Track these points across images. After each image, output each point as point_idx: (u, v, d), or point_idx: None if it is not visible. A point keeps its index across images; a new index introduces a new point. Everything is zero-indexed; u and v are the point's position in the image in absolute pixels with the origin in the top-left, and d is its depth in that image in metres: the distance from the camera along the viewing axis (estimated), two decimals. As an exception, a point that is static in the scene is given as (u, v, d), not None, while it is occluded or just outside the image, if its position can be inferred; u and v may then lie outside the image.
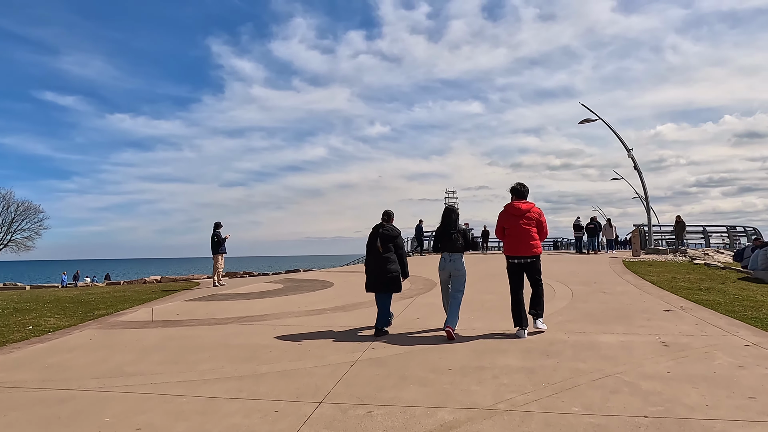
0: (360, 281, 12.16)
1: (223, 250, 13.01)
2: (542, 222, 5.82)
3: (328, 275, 13.94)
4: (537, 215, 5.78)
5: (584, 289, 9.23)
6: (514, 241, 5.77)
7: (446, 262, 5.96)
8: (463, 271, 5.97)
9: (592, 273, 12.26)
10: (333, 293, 9.83)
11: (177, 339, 5.93)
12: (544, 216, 5.88)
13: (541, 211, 5.87)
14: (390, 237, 6.19)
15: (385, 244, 6.14)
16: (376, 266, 6.12)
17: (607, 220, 23.06)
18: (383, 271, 6.07)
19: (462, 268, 5.96)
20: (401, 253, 6.25)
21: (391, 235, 6.20)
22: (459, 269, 5.93)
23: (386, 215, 6.40)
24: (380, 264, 6.09)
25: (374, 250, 6.17)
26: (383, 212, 6.45)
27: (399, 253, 6.22)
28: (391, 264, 6.10)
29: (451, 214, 6.13)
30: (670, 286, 9.41)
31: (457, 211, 6.26)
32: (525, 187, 5.96)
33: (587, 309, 7.13)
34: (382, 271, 6.08)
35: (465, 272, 6.01)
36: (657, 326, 5.87)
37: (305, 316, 7.27)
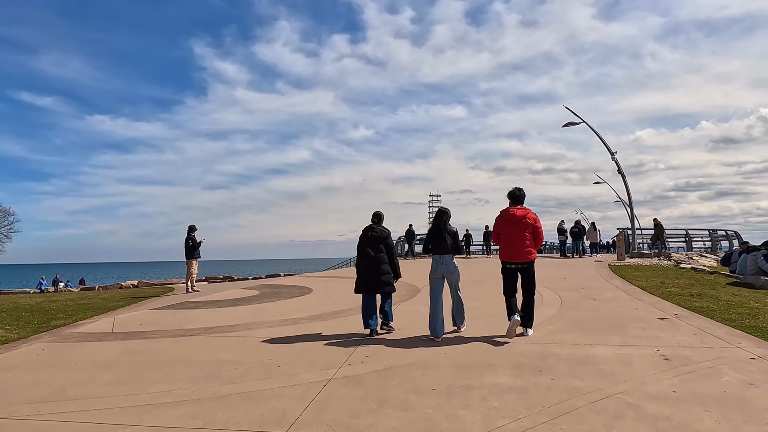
0: (340, 287, 11.68)
1: (197, 254, 12.43)
2: (538, 228, 5.82)
3: (308, 281, 13.42)
4: (533, 221, 5.77)
5: (573, 295, 8.89)
6: (510, 246, 5.78)
7: (438, 264, 5.97)
8: (456, 272, 6.01)
9: (580, 278, 11.95)
10: (311, 301, 9.33)
11: (134, 354, 5.38)
12: (539, 222, 5.86)
13: (537, 217, 5.85)
14: (380, 238, 6.19)
15: (376, 245, 6.14)
16: (368, 268, 6.11)
17: (591, 223, 22.92)
18: (375, 273, 6.07)
19: (455, 269, 6.00)
20: (392, 254, 6.24)
21: (381, 237, 6.20)
22: (452, 271, 5.97)
23: (376, 217, 6.38)
24: (372, 265, 6.09)
25: (365, 251, 6.16)
26: (373, 213, 6.42)
27: (390, 253, 6.21)
28: (382, 265, 6.10)
29: (442, 216, 6.11)
30: (660, 291, 9.12)
31: (449, 212, 6.21)
32: (522, 192, 5.95)
33: (578, 317, 6.76)
34: (373, 273, 6.07)
35: (458, 272, 6.05)
36: (654, 337, 5.51)
37: (279, 326, 6.76)
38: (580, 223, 22.95)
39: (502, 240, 5.89)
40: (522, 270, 5.77)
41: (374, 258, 6.10)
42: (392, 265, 6.21)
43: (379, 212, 6.44)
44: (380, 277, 6.08)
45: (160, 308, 8.83)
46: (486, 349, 5.17)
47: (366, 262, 6.13)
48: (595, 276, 12.42)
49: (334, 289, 11.12)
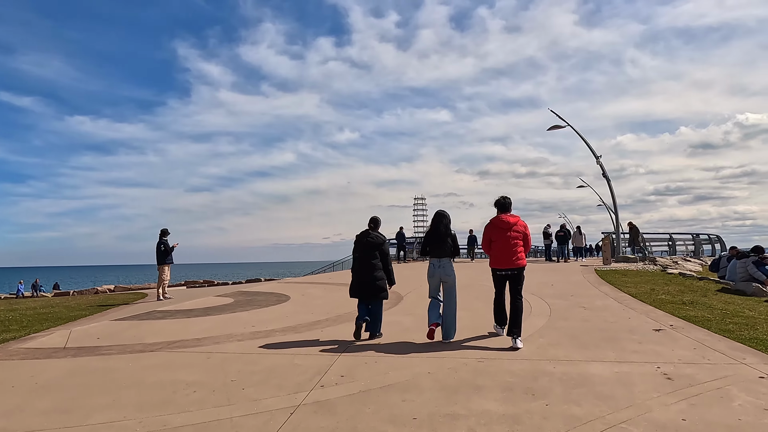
0: (320, 294, 11.17)
1: (169, 260, 11.83)
2: (527, 235, 5.99)
3: (286, 287, 12.87)
4: (523, 228, 5.94)
5: (561, 303, 8.51)
6: (501, 253, 5.86)
7: (435, 267, 5.94)
8: (453, 276, 5.96)
9: (567, 284, 11.62)
10: (287, 309, 8.82)
11: (83, 374, 4.83)
12: (528, 229, 6.06)
13: (526, 224, 6.03)
14: (375, 244, 6.20)
15: (372, 251, 6.15)
16: (362, 273, 6.12)
17: (576, 227, 22.75)
18: (369, 278, 6.08)
19: (452, 274, 5.94)
20: (387, 260, 6.26)
21: (377, 242, 6.21)
22: (449, 275, 5.91)
23: (373, 222, 6.38)
24: (366, 271, 6.11)
25: (360, 257, 6.18)
26: (370, 219, 6.42)
27: (384, 260, 6.22)
28: (377, 271, 6.11)
29: (441, 218, 6.07)
30: (651, 299, 8.80)
31: (448, 215, 6.15)
32: (509, 200, 6.07)
33: (569, 329, 6.37)
34: (367, 278, 6.08)
35: (455, 278, 5.99)
36: (651, 351, 5.13)
37: (249, 339, 6.24)
38: (566, 227, 22.76)
39: (493, 247, 5.93)
40: (512, 276, 5.85)
41: (369, 264, 6.11)
42: (386, 272, 6.21)
43: (376, 217, 6.41)
44: (375, 283, 6.08)
45: (124, 318, 8.23)
46: (473, 366, 4.73)
47: (361, 268, 6.14)
48: (582, 282, 12.11)
49: (313, 296, 10.61)
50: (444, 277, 5.91)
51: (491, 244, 5.97)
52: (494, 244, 5.93)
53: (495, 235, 5.92)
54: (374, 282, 6.09)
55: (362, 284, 6.10)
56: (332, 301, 9.75)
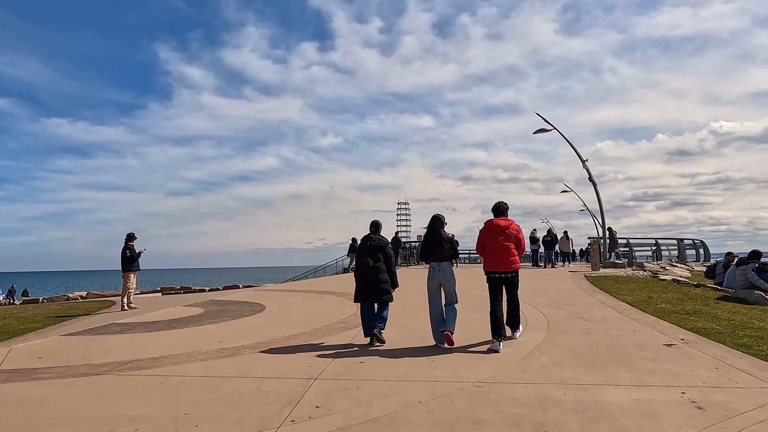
0: (298, 303, 10.41)
1: (136, 266, 10.95)
2: (520, 239, 6.04)
3: (263, 296, 12.08)
4: (516, 232, 5.98)
5: (558, 314, 7.92)
6: (495, 256, 5.92)
7: (435, 271, 5.97)
8: (452, 279, 5.98)
9: (559, 292, 11.07)
10: (261, 321, 8.06)
11: (5, 407, 4.03)
12: (522, 233, 6.11)
13: (520, 228, 6.08)
14: (379, 247, 6.22)
15: (375, 254, 6.17)
16: (366, 277, 6.13)
17: (563, 232, 22.32)
18: (373, 282, 6.09)
19: (451, 277, 5.97)
20: (390, 263, 6.26)
21: (380, 246, 6.23)
22: (448, 278, 5.93)
23: (374, 226, 6.42)
24: (370, 274, 6.11)
25: (364, 260, 6.18)
26: (371, 223, 6.46)
27: (388, 263, 6.24)
28: (381, 274, 6.12)
29: (436, 222, 6.13)
30: (651, 308, 8.27)
31: (444, 219, 6.20)
32: (505, 205, 6.15)
33: (571, 344, 5.76)
34: (371, 282, 6.09)
35: (455, 280, 6.02)
36: (669, 372, 4.53)
37: (214, 358, 5.50)
38: (552, 231, 22.35)
39: (487, 250, 5.99)
40: (507, 279, 5.93)
41: (373, 267, 6.12)
42: (390, 274, 6.22)
43: (377, 221, 6.47)
44: (379, 286, 6.09)
45: (77, 333, 7.39)
46: (470, 392, 4.07)
47: (365, 271, 6.15)
48: (575, 289, 11.57)
49: (290, 306, 9.87)
50: (443, 281, 5.94)
51: (485, 247, 6.02)
52: (488, 247, 5.98)
53: (488, 239, 5.98)
54: (379, 285, 6.09)
55: (367, 288, 6.10)
56: (311, 311, 9.03)
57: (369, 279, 6.11)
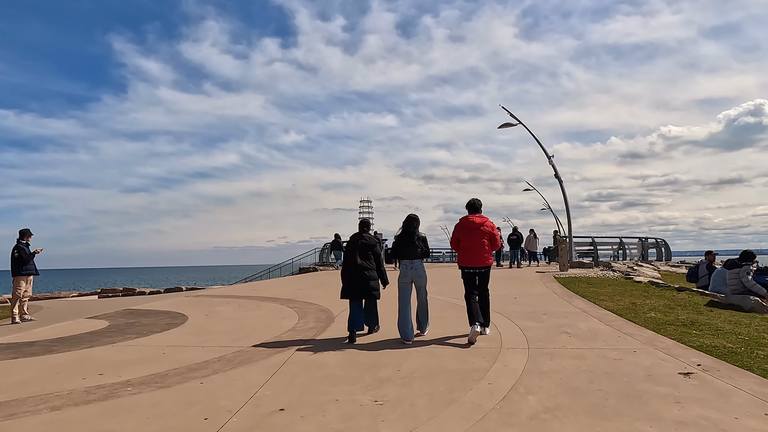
0: (229, 314, 8.68)
1: (29, 270, 9.03)
2: (495, 235, 6.15)
3: (192, 304, 10.32)
4: (490, 229, 6.10)
5: (536, 327, 6.64)
6: (469, 252, 6.08)
7: (408, 269, 6.11)
8: (424, 276, 6.16)
9: (532, 297, 9.86)
10: (171, 341, 6.41)
11: None
12: (496, 230, 6.23)
13: (494, 224, 6.19)
14: (369, 246, 6.31)
15: (365, 252, 6.25)
16: (355, 275, 6.18)
17: (530, 230, 21.39)
18: (362, 280, 6.17)
19: (424, 274, 6.15)
20: (380, 261, 6.38)
21: (370, 244, 6.32)
22: (421, 275, 6.12)
23: (365, 225, 6.53)
24: (359, 273, 6.17)
25: (354, 258, 6.23)
26: (360, 221, 6.60)
27: (377, 261, 6.35)
28: (370, 272, 6.22)
29: (412, 222, 6.23)
30: (641, 318, 7.11)
31: (418, 219, 6.27)
32: (479, 202, 6.25)
33: (564, 374, 4.43)
34: (360, 280, 6.17)
35: (426, 278, 6.20)
36: (704, 419, 3.26)
37: (73, 406, 3.87)
38: (518, 230, 21.38)
39: (462, 246, 6.15)
40: (480, 274, 6.11)
41: (362, 265, 6.20)
42: (379, 272, 6.34)
43: (366, 220, 6.65)
44: (368, 284, 6.19)
45: None
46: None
47: (354, 269, 6.21)
48: (548, 294, 10.40)
49: (219, 317, 8.22)
50: (416, 278, 6.11)
51: (459, 243, 6.17)
52: (462, 243, 6.14)
53: (463, 235, 6.14)
54: (369, 282, 6.19)
55: (357, 285, 6.16)
56: (241, 324, 7.43)
57: (360, 276, 6.15)
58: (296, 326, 7.08)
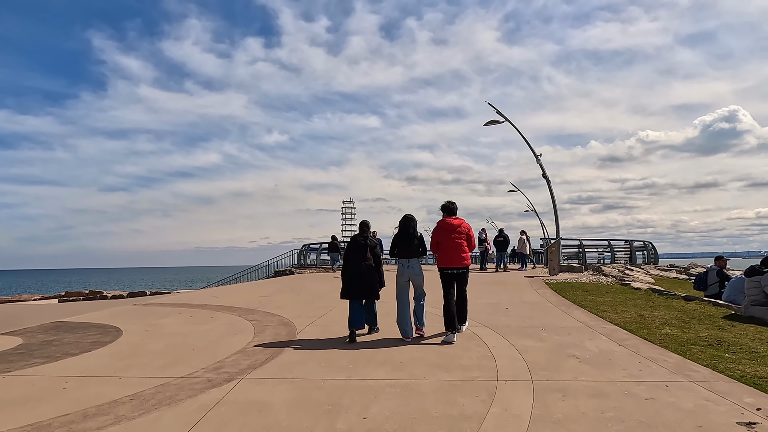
0: (174, 329, 7.18)
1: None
2: (471, 236, 6.38)
3: (134, 315, 8.94)
4: (467, 230, 6.33)
5: (537, 347, 5.52)
6: (448, 254, 6.23)
7: (405, 267, 6.30)
8: (421, 275, 6.32)
9: (525, 307, 8.78)
10: (87, 366, 5.13)
11: None
12: (472, 231, 6.45)
13: (470, 226, 6.41)
14: (369, 246, 6.38)
15: (365, 253, 6.33)
16: (356, 274, 6.26)
17: (521, 232, 20.39)
18: (363, 280, 6.24)
19: (420, 273, 6.31)
20: (379, 262, 6.46)
21: (370, 245, 6.41)
22: (417, 274, 6.29)
23: (365, 226, 6.59)
24: (359, 273, 6.26)
25: (354, 258, 6.32)
26: (361, 223, 6.69)
27: (377, 261, 6.41)
28: (371, 273, 6.30)
29: (410, 221, 6.35)
30: (656, 336, 6.05)
31: (415, 219, 6.41)
32: (455, 205, 6.45)
33: (586, 424, 3.30)
34: (360, 280, 6.24)
35: (423, 276, 6.35)
36: None
37: None
38: (504, 231, 20.38)
39: (441, 248, 6.27)
40: (459, 275, 6.27)
41: (363, 265, 6.28)
42: (378, 273, 6.40)
43: (366, 221, 6.67)
44: (370, 284, 6.29)
45: None
46: None
47: (355, 269, 6.28)
48: (542, 303, 9.33)
49: (158, 333, 6.94)
50: (413, 277, 6.26)
51: (438, 245, 6.28)
52: (441, 245, 6.26)
53: (441, 237, 6.25)
54: (370, 283, 6.28)
55: (357, 285, 6.24)
56: (182, 343, 6.17)
57: (361, 277, 6.23)
58: (247, 346, 5.85)
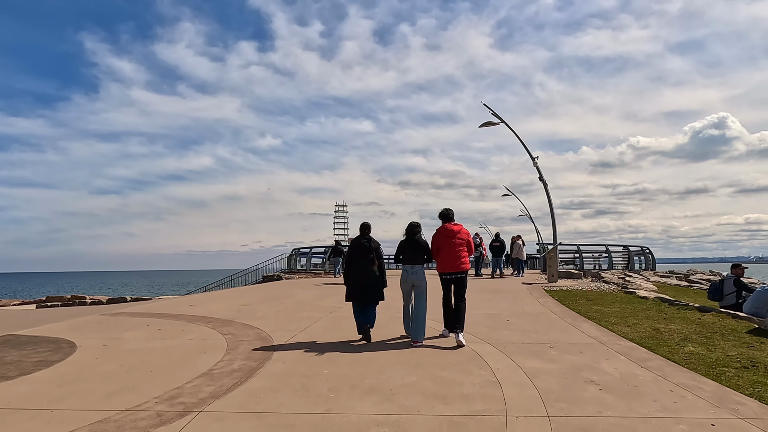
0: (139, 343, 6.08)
1: None
2: (470, 242, 6.47)
3: (98, 327, 8.06)
4: (466, 236, 6.42)
5: (547, 370, 4.78)
6: (448, 259, 6.28)
7: (409, 274, 6.30)
8: (424, 282, 6.31)
9: (527, 319, 8.05)
10: (16, 395, 4.33)
11: None
12: (471, 236, 6.55)
13: (469, 232, 6.53)
14: (371, 249, 6.38)
15: (367, 255, 6.33)
16: (358, 277, 6.29)
17: (517, 236, 19.68)
18: (365, 282, 6.26)
19: (424, 279, 6.31)
20: (381, 264, 6.44)
21: (372, 247, 6.40)
22: (421, 280, 6.29)
23: (366, 228, 6.54)
24: (362, 275, 6.28)
25: (357, 261, 6.33)
26: (362, 225, 6.59)
27: (380, 263, 6.42)
28: (372, 275, 6.30)
29: (415, 228, 6.39)
30: (680, 356, 5.34)
31: (420, 226, 6.42)
32: (452, 212, 6.54)
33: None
34: (364, 282, 6.26)
35: (426, 283, 6.32)
36: None
37: None
38: (500, 236, 19.69)
39: (441, 254, 6.33)
40: (457, 280, 6.32)
41: (366, 268, 6.29)
42: (381, 275, 6.39)
43: (367, 223, 6.60)
44: (374, 286, 6.29)
45: None
46: None
47: (358, 272, 6.30)
48: (545, 314, 8.62)
49: (118, 350, 6.13)
50: (417, 282, 6.28)
51: (438, 251, 6.35)
52: (441, 251, 6.33)
53: (441, 243, 6.33)
54: (374, 285, 6.29)
55: (361, 287, 6.26)
56: (143, 363, 5.37)
57: (365, 279, 6.25)
58: (215, 367, 5.08)
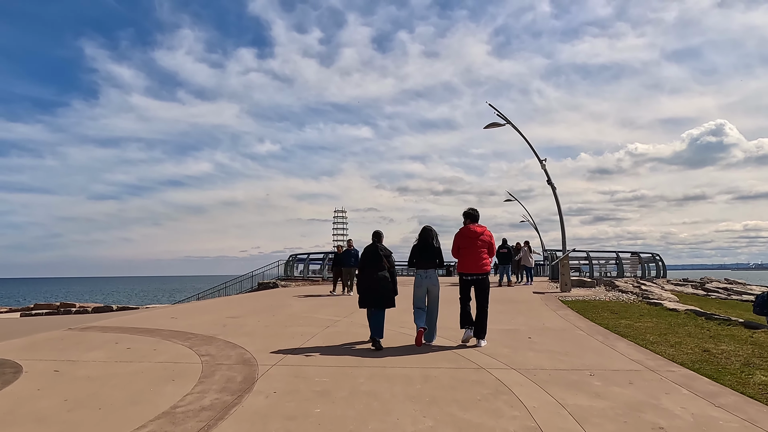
0: (91, 371, 5.11)
1: None
2: (492, 244, 6.47)
3: (59, 344, 6.97)
4: (489, 238, 6.42)
5: (596, 409, 3.79)
6: (469, 260, 6.33)
7: (422, 278, 6.45)
8: (438, 286, 6.51)
9: (551, 336, 7.05)
10: None
11: None
12: (493, 238, 6.53)
13: (492, 234, 6.50)
14: (384, 256, 6.44)
15: (380, 262, 6.38)
16: (371, 284, 6.32)
17: (525, 242, 18.69)
18: (377, 289, 6.29)
19: (437, 283, 6.50)
20: (393, 271, 6.52)
21: (385, 255, 6.47)
22: (435, 284, 6.47)
23: (377, 236, 6.68)
24: (374, 282, 6.31)
25: (369, 268, 6.38)
26: (374, 232, 6.72)
27: (391, 270, 6.49)
28: (384, 282, 6.33)
29: (430, 232, 6.50)
30: (755, 388, 4.36)
31: (435, 230, 6.54)
32: (477, 212, 6.56)
33: None
34: (376, 289, 6.29)
35: (439, 287, 6.53)
36: None
37: None
38: (507, 242, 18.68)
39: (462, 254, 6.38)
40: (477, 281, 6.32)
41: (379, 275, 6.32)
42: (393, 282, 6.43)
43: (379, 231, 6.76)
44: (384, 293, 6.30)
45: None
46: None
47: (370, 278, 6.34)
48: (569, 329, 7.62)
49: (70, 376, 5.10)
50: (430, 287, 6.44)
51: (460, 251, 6.40)
52: (462, 251, 6.37)
53: (464, 243, 6.38)
54: (386, 292, 6.30)
55: (374, 294, 6.28)
56: (94, 396, 4.37)
57: (379, 285, 6.28)
58: (180, 404, 4.07)
